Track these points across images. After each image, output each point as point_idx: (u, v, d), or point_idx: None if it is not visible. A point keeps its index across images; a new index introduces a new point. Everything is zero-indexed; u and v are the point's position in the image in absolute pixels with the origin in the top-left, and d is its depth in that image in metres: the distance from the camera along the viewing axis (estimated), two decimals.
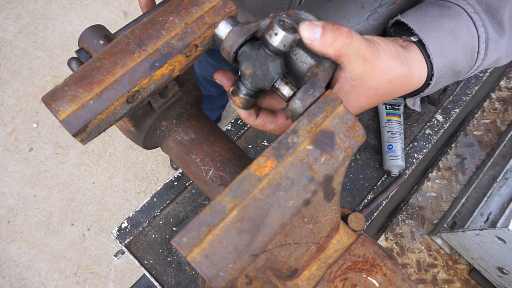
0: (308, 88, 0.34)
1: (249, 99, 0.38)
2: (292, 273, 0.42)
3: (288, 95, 0.36)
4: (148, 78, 0.34)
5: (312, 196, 0.31)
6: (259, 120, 0.42)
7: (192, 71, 0.45)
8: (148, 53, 0.34)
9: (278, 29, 0.33)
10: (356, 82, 0.39)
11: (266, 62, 0.35)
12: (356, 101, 0.41)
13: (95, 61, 0.33)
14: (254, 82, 0.37)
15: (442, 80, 0.44)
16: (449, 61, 0.43)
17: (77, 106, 0.32)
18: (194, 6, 0.36)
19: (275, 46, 0.34)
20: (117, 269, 1.79)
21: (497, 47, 0.44)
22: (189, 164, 0.50)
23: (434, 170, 0.99)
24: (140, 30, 0.35)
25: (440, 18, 0.43)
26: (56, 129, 2.00)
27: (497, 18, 0.43)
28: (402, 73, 0.40)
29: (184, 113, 0.50)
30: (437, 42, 0.42)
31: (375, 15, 0.47)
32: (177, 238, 0.27)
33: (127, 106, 0.35)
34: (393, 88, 0.41)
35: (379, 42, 0.39)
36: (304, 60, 0.37)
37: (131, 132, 0.47)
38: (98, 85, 0.33)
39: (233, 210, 0.28)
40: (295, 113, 0.34)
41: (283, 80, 0.36)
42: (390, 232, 0.93)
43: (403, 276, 0.44)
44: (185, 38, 0.35)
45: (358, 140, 0.33)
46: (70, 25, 2.21)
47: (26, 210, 1.86)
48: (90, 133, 0.33)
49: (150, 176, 1.96)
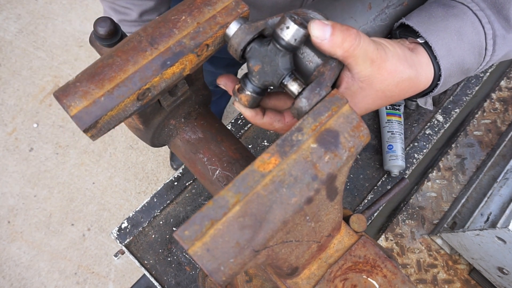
0: (315, 87, 0.34)
1: (256, 96, 0.38)
2: (293, 271, 0.42)
3: (296, 91, 0.36)
4: (159, 76, 0.34)
5: (315, 194, 0.31)
6: (266, 118, 0.42)
7: (202, 70, 0.45)
8: (160, 52, 0.34)
9: (290, 22, 0.33)
10: (363, 83, 0.39)
11: (275, 58, 0.35)
12: (363, 103, 0.41)
13: (107, 58, 0.34)
14: (262, 79, 0.37)
15: (451, 79, 0.44)
16: (456, 60, 0.43)
17: (88, 102, 0.32)
18: (207, 6, 0.36)
19: (286, 40, 0.34)
20: (117, 269, 1.79)
21: (505, 42, 0.44)
22: (196, 163, 0.50)
23: (434, 170, 0.99)
24: (153, 28, 0.35)
25: (445, 18, 0.43)
26: (56, 129, 2.00)
27: (503, 13, 0.43)
28: (410, 76, 0.40)
29: (193, 112, 0.50)
30: (444, 43, 0.42)
31: (382, 15, 0.47)
32: (179, 231, 0.27)
33: (138, 103, 0.35)
34: (400, 91, 0.41)
35: (386, 45, 0.39)
36: (311, 59, 0.37)
37: (140, 130, 0.47)
38: (110, 82, 0.33)
39: (236, 205, 0.28)
40: (301, 111, 0.34)
41: (292, 77, 0.36)
42: (390, 232, 0.93)
43: (404, 278, 0.44)
44: (197, 37, 0.35)
45: (362, 140, 0.33)
46: (70, 25, 2.21)
47: (26, 210, 1.86)
48: (100, 129, 0.33)
49: (150, 176, 1.96)
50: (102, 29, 0.38)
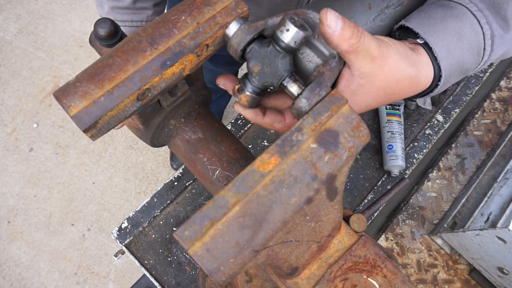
0: (314, 87, 0.34)
1: (255, 97, 0.38)
2: (293, 271, 0.42)
3: (296, 93, 0.36)
4: (159, 77, 0.34)
5: (314, 194, 0.31)
6: (267, 119, 0.43)
7: (201, 70, 0.45)
8: (160, 52, 0.34)
9: (290, 25, 0.33)
10: (363, 80, 0.39)
11: (275, 59, 0.35)
12: (363, 100, 0.41)
13: (107, 58, 0.34)
14: (262, 80, 0.37)
15: (451, 79, 0.45)
16: (456, 61, 0.43)
17: (88, 102, 0.32)
18: (207, 6, 0.36)
19: (286, 43, 0.34)
20: (117, 269, 1.79)
21: (503, 42, 0.44)
22: (196, 163, 0.50)
23: (435, 170, 0.99)
24: (152, 28, 0.35)
25: (445, 19, 0.43)
26: (56, 129, 2.00)
27: (501, 13, 0.43)
28: (410, 74, 0.40)
29: (193, 112, 0.50)
30: (443, 44, 0.42)
31: (382, 16, 0.47)
32: (179, 231, 0.27)
33: (137, 103, 0.35)
34: (401, 89, 0.41)
35: (388, 43, 0.39)
36: (311, 59, 0.37)
37: (139, 130, 0.47)
38: (110, 82, 0.33)
39: (236, 205, 0.28)
40: (301, 111, 0.34)
41: (291, 78, 0.36)
42: (390, 232, 0.93)
43: (404, 278, 0.44)
44: (197, 37, 0.35)
45: (362, 140, 0.33)
46: (70, 25, 2.21)
47: (26, 210, 1.86)
48: (100, 129, 0.33)
49: (150, 176, 1.96)
50: (103, 30, 0.38)
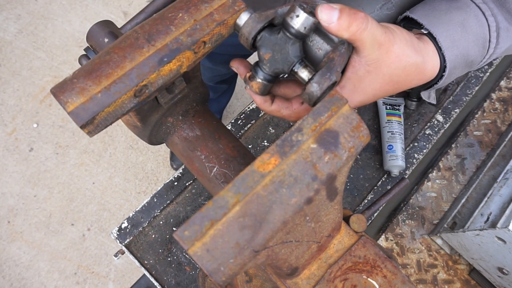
0: (325, 72, 0.35)
1: (266, 84, 0.39)
2: (292, 271, 0.42)
3: (307, 78, 0.37)
4: (156, 73, 0.34)
5: (314, 195, 0.31)
6: (274, 106, 0.43)
7: (199, 68, 0.45)
8: (157, 48, 0.34)
9: (300, 11, 0.34)
10: (370, 67, 0.39)
11: (285, 46, 0.36)
12: (370, 87, 0.41)
13: (104, 55, 0.34)
14: (273, 66, 0.38)
15: (456, 71, 0.45)
16: (461, 52, 0.43)
17: (85, 99, 0.32)
18: (204, 3, 0.37)
19: (296, 28, 0.35)
20: (117, 269, 1.79)
21: (509, 35, 0.45)
22: (193, 161, 0.50)
23: (434, 170, 0.99)
24: (150, 25, 0.35)
25: (449, 11, 0.43)
26: (56, 129, 2.00)
27: (506, 6, 0.43)
28: (416, 61, 0.41)
29: (190, 109, 0.50)
30: (448, 35, 0.42)
31: (389, 4, 0.48)
32: (179, 231, 0.27)
33: (135, 100, 0.35)
34: (407, 76, 0.41)
35: (394, 29, 0.40)
36: (320, 46, 0.37)
37: (137, 127, 0.47)
38: (107, 78, 0.33)
39: (236, 205, 0.28)
40: (312, 96, 0.35)
41: (302, 64, 0.37)
42: (390, 232, 0.93)
43: (403, 278, 0.44)
44: (194, 34, 0.36)
45: (362, 140, 0.33)
46: (70, 25, 2.21)
47: (26, 210, 1.86)
48: (97, 126, 0.34)
49: (150, 176, 1.96)
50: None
